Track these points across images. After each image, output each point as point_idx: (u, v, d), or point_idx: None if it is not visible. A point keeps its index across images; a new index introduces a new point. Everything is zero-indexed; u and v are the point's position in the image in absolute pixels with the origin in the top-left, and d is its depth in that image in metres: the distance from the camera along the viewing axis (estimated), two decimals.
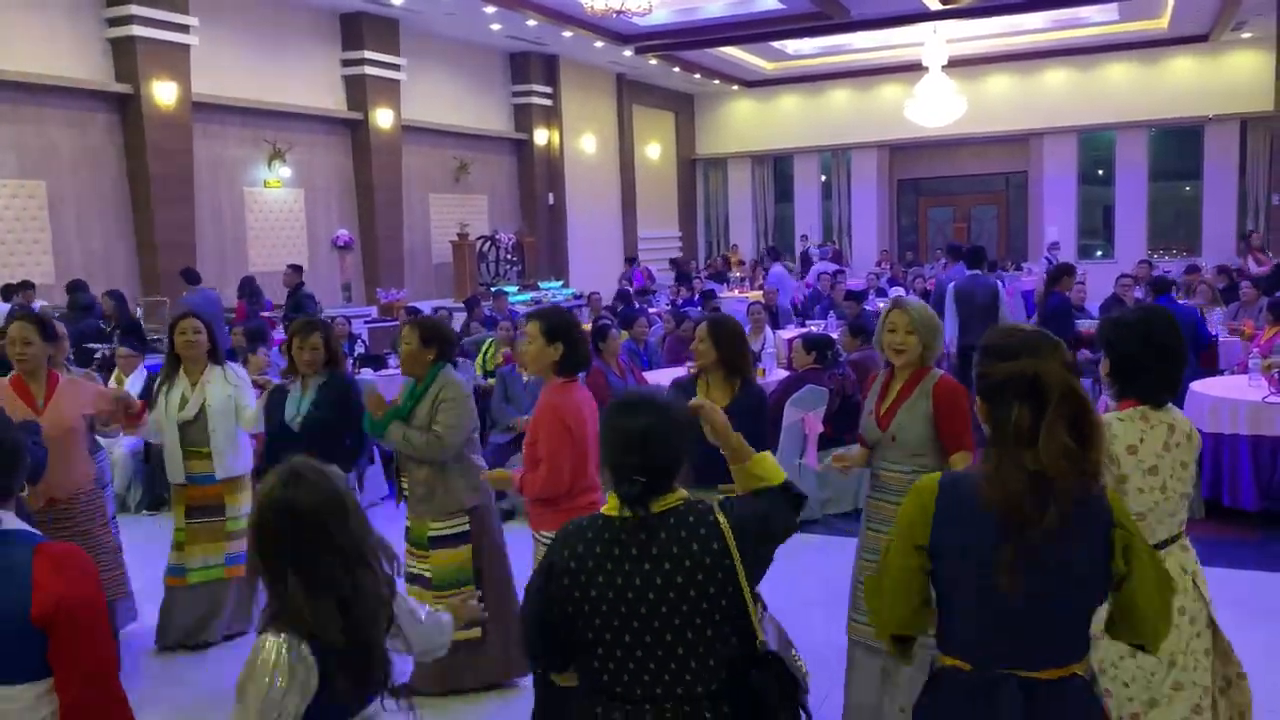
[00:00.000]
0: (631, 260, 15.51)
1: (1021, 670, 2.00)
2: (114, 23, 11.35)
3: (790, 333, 9.83)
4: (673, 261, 19.46)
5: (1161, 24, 17.50)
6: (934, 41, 16.44)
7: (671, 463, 2.09)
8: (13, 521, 2.15)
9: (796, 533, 2.28)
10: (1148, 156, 19.56)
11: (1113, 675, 2.76)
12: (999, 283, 9.68)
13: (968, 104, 16.87)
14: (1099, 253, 20.27)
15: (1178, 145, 19.82)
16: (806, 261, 19.05)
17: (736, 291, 15.45)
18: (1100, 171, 20.53)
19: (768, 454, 2.33)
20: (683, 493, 2.11)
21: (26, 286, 9.84)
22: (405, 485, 4.31)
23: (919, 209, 22.54)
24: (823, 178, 22.42)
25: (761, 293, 13.22)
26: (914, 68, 17.88)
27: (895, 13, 15.83)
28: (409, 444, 4.15)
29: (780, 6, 15.46)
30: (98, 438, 4.77)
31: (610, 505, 2.11)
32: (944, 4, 15.11)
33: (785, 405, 6.39)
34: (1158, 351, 2.78)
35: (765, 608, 2.30)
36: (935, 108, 16.53)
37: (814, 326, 10.84)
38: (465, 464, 4.26)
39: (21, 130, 10.75)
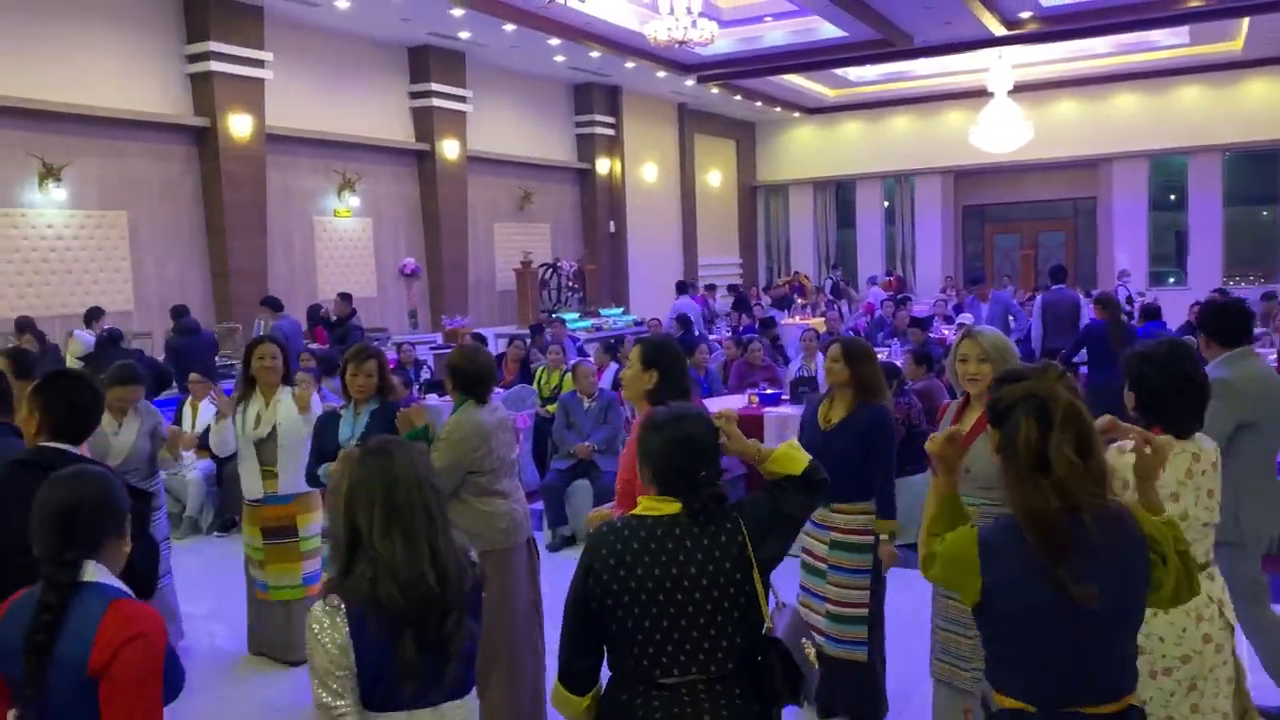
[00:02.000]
0: (683, 286, 15.56)
1: (1086, 707, 2.04)
2: (193, 59, 11.78)
3: None
4: (731, 288, 19.44)
5: (1235, 46, 17.12)
6: (999, 67, 16.30)
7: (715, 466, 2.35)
8: (99, 574, 2.15)
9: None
10: (1222, 181, 19.09)
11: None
12: (1079, 295, 10.74)
13: (1034, 129, 16.67)
14: (1171, 279, 19.78)
15: (1254, 169, 19.31)
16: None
17: (798, 318, 15.36)
18: (1172, 196, 20.07)
19: (788, 446, 2.50)
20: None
21: (98, 313, 10.16)
22: None
23: (984, 235, 22.26)
24: (885, 204, 22.27)
25: (824, 319, 13.13)
26: (978, 93, 17.74)
27: (960, 39, 15.74)
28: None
29: (843, 35, 15.46)
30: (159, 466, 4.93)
31: (644, 507, 2.31)
32: (1009, 30, 14.99)
33: None
34: (1182, 384, 2.85)
35: (780, 599, 2.44)
36: (1001, 134, 16.36)
37: (878, 354, 10.73)
38: (473, 505, 3.96)
39: (104, 163, 11.18)
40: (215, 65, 11.68)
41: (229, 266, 12.07)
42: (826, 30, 15.50)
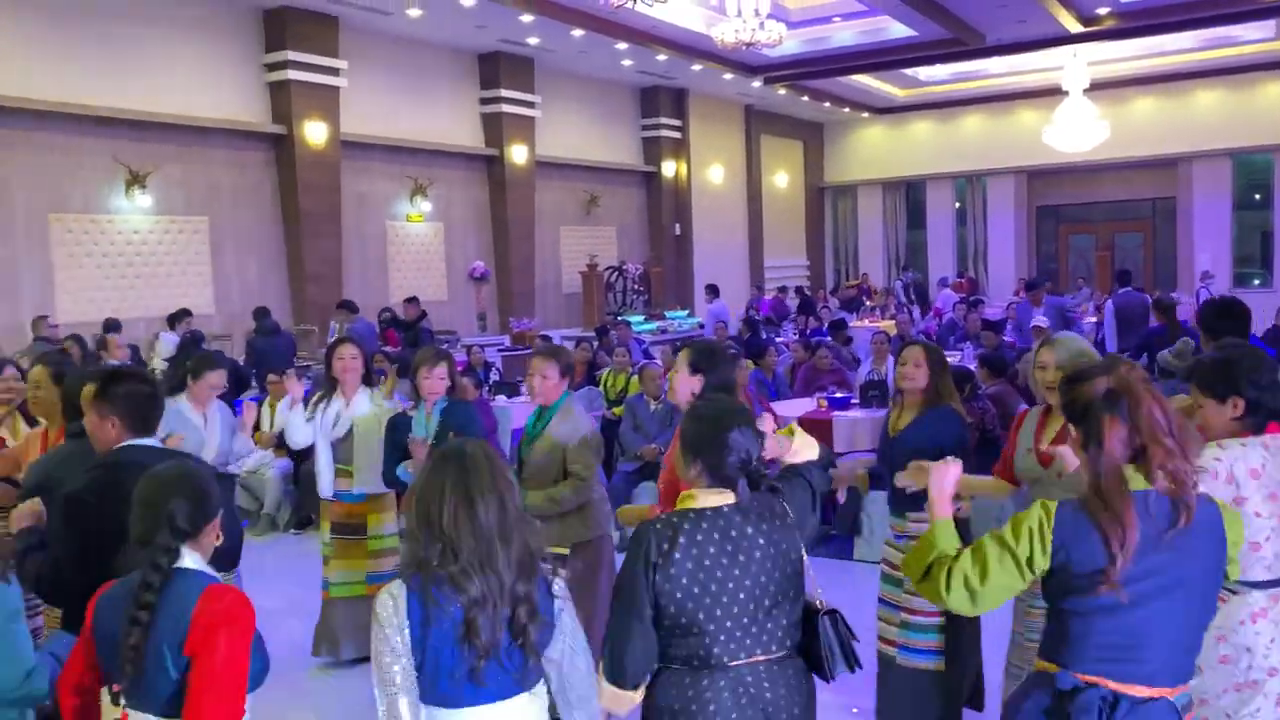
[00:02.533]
0: (714, 290, 15.50)
1: (1141, 687, 2.08)
2: (271, 68, 12.11)
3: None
4: (797, 290, 19.31)
5: None
6: (1074, 65, 15.93)
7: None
8: (194, 562, 2.28)
9: None
10: None
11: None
12: (1150, 298, 10.72)
13: (1111, 128, 16.26)
14: (1256, 281, 19.14)
15: None
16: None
17: (867, 321, 15.20)
18: (1257, 195, 19.41)
19: (800, 435, 2.72)
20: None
21: (185, 314, 10.48)
22: None
23: (1059, 236, 21.78)
24: (957, 204, 21.94)
25: (894, 322, 12.97)
26: (1053, 92, 17.36)
27: (1034, 37, 15.44)
28: (556, 505, 4.12)
29: (913, 34, 15.28)
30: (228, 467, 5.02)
31: (698, 500, 2.37)
32: (1085, 27, 14.66)
33: None
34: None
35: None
36: (1076, 133, 16.00)
37: (950, 358, 10.56)
38: (590, 496, 4.28)
39: (188, 170, 11.54)
40: (292, 74, 11.99)
41: (305, 270, 12.38)
42: (896, 30, 15.33)
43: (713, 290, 15.56)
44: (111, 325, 9.79)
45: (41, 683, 2.40)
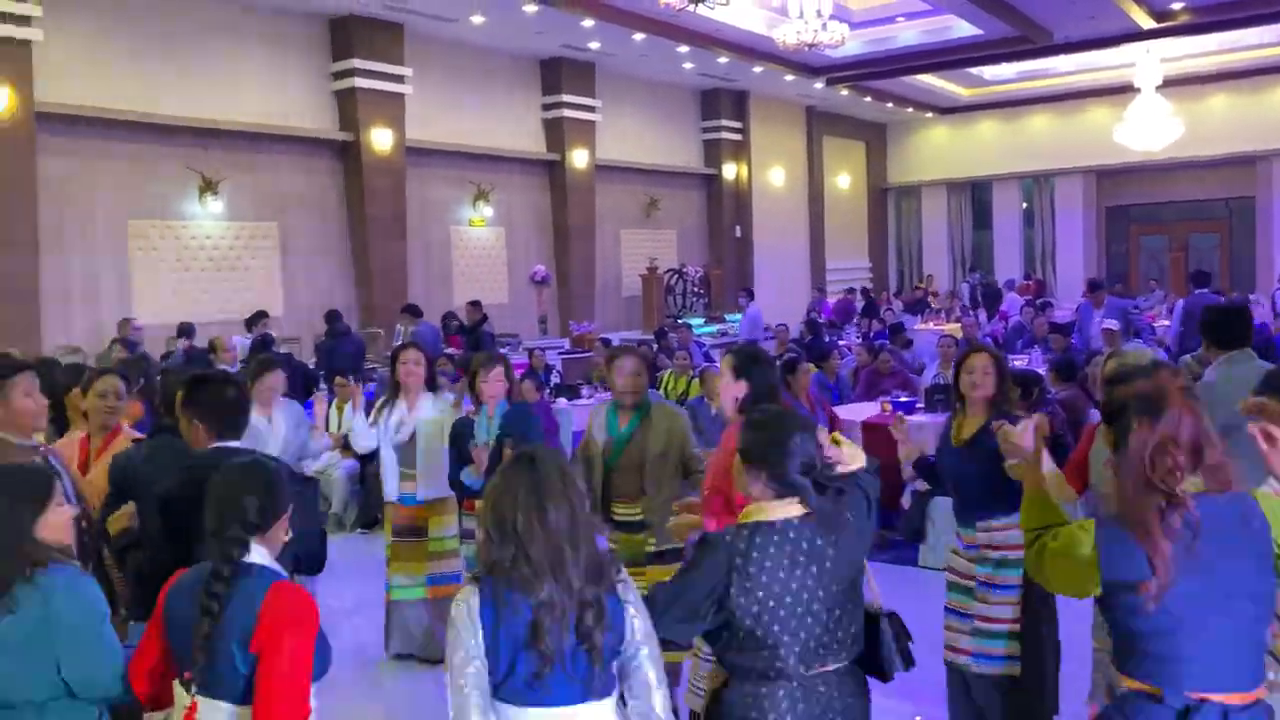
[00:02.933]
0: (750, 294, 15.33)
1: (1217, 695, 2.05)
2: (339, 76, 12.35)
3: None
4: (862, 291, 19.10)
5: None
6: (1146, 61, 15.55)
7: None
8: (261, 556, 2.36)
9: None
10: None
11: None
12: (1219, 298, 10.26)
13: (1185, 125, 15.82)
14: None
15: None
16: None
17: (931, 324, 14.99)
18: None
19: (848, 443, 2.75)
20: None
21: (262, 315, 10.69)
22: (620, 511, 4.26)
23: (1129, 237, 21.24)
24: (1024, 204, 21.54)
25: (959, 325, 12.76)
26: (1123, 89, 16.95)
27: (1104, 34, 15.08)
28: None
29: (978, 33, 15.04)
30: (303, 464, 5.12)
31: (767, 512, 2.36)
32: (1158, 22, 14.29)
33: None
34: None
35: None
36: (1148, 131, 15.61)
37: (1017, 362, 10.36)
38: None
39: (259, 177, 11.82)
40: (359, 81, 12.22)
41: (371, 274, 12.60)
42: (961, 29, 15.10)
43: (748, 294, 15.42)
44: (185, 330, 10.05)
45: (123, 680, 2.46)
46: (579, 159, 15.29)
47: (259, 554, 2.35)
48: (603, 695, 2.21)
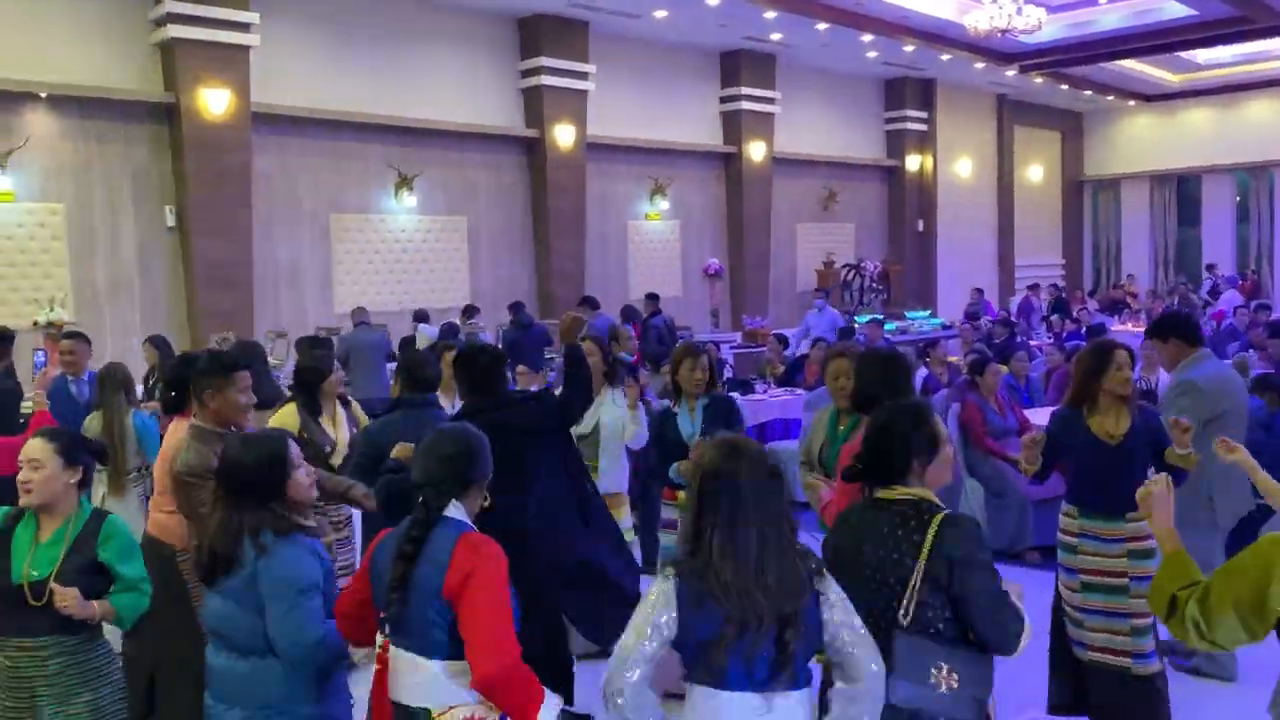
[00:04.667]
0: (981, 291, 14.45)
1: None
2: (526, 74, 12.71)
3: None
4: (1051, 288, 18.11)
5: None
6: None
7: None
8: (457, 512, 2.47)
9: None
10: None
11: None
12: None
13: None
14: None
15: None
16: (1215, 295, 16.91)
17: (1130, 325, 14.06)
18: None
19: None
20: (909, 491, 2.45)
21: (474, 310, 11.06)
22: None
23: None
24: (1238, 199, 19.93)
25: None
26: None
27: None
28: None
29: (1192, 14, 13.99)
30: None
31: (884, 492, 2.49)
32: None
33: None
34: None
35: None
36: None
37: None
38: None
39: (449, 173, 12.33)
40: (545, 79, 12.54)
41: (552, 267, 12.93)
42: (1172, 9, 14.09)
43: (824, 295, 13.95)
44: (421, 316, 10.62)
45: (330, 647, 2.59)
46: (756, 152, 15.18)
47: (455, 509, 2.46)
48: (798, 688, 2.20)
